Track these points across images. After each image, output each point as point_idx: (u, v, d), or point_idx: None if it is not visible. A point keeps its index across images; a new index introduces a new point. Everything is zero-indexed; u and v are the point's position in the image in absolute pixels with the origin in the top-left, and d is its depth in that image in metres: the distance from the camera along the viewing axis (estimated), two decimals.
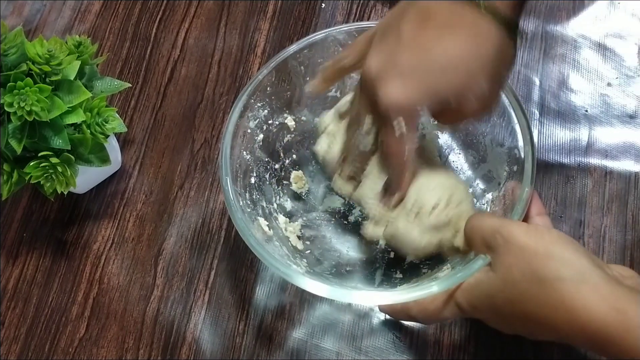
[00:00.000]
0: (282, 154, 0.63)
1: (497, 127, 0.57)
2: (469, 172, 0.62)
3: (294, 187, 0.63)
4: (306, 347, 0.60)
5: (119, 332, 0.61)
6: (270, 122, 0.61)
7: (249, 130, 0.59)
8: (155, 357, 0.60)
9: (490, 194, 0.58)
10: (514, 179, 0.54)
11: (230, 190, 0.54)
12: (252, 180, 0.59)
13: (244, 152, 0.58)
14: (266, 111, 0.60)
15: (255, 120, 0.59)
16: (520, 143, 0.54)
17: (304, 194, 0.63)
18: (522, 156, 0.53)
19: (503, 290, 0.43)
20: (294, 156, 0.64)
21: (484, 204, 0.59)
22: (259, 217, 0.57)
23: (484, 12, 0.44)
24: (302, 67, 0.61)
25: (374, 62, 0.48)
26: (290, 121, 0.63)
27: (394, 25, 0.48)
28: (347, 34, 0.60)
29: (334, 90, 0.63)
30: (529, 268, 0.41)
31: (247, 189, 0.58)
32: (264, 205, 0.60)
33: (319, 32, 0.59)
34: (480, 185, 0.60)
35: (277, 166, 0.63)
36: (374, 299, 0.52)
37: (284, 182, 0.63)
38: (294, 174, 0.63)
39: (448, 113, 0.49)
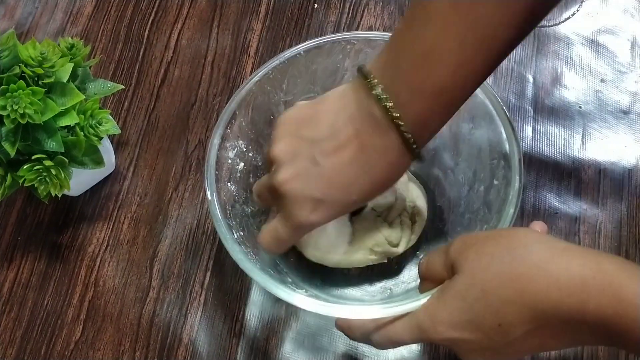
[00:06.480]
0: None
1: (480, 128, 0.56)
2: (449, 169, 0.61)
3: None
4: (304, 349, 0.59)
5: (115, 334, 0.61)
6: (249, 147, 0.60)
7: (229, 161, 0.57)
8: (152, 359, 0.60)
9: (475, 189, 0.58)
10: (501, 172, 0.54)
11: (225, 232, 0.52)
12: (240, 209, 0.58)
13: (229, 184, 0.57)
14: (244, 139, 0.58)
15: (234, 150, 0.57)
16: (504, 137, 0.53)
17: None
18: (507, 151, 0.53)
19: (473, 282, 0.41)
20: None
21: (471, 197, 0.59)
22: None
23: (402, 146, 0.44)
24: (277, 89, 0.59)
25: (285, 147, 0.47)
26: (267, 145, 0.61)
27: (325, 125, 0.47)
28: (315, 47, 0.57)
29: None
30: (497, 247, 0.41)
31: (238, 218, 0.56)
32: (256, 232, 0.58)
33: (283, 53, 0.57)
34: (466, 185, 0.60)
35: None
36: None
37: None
38: None
39: None
